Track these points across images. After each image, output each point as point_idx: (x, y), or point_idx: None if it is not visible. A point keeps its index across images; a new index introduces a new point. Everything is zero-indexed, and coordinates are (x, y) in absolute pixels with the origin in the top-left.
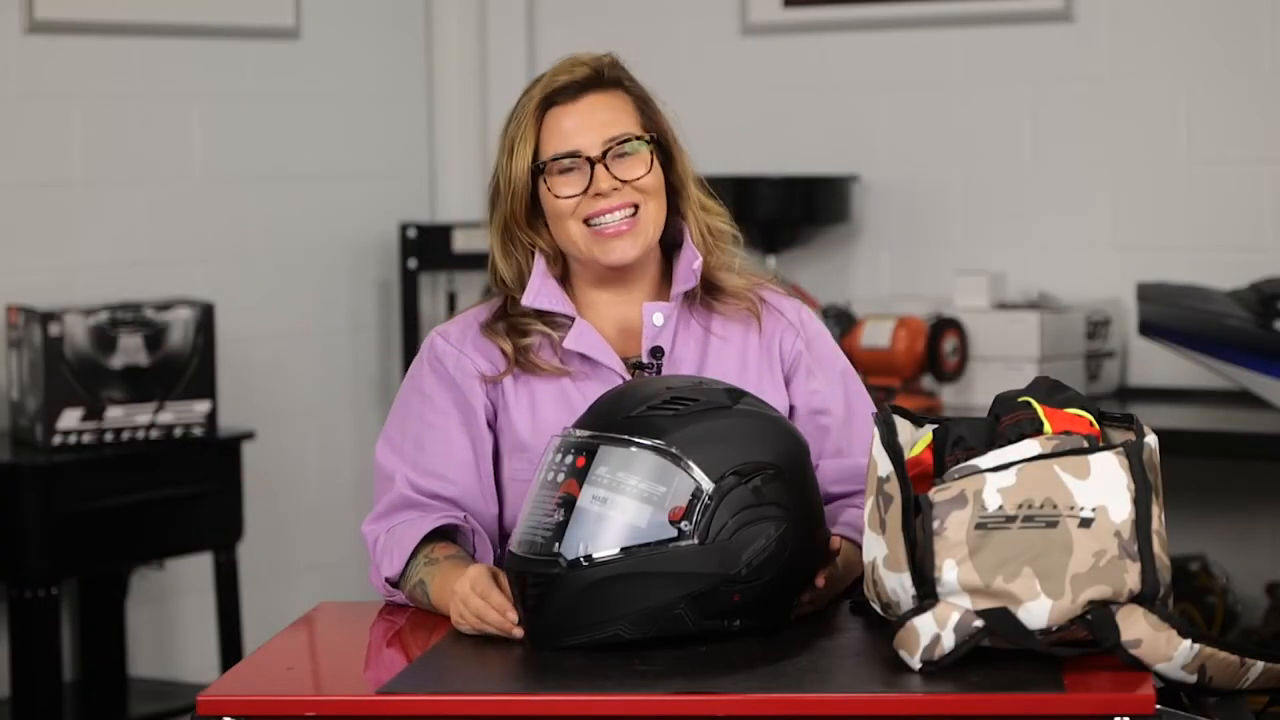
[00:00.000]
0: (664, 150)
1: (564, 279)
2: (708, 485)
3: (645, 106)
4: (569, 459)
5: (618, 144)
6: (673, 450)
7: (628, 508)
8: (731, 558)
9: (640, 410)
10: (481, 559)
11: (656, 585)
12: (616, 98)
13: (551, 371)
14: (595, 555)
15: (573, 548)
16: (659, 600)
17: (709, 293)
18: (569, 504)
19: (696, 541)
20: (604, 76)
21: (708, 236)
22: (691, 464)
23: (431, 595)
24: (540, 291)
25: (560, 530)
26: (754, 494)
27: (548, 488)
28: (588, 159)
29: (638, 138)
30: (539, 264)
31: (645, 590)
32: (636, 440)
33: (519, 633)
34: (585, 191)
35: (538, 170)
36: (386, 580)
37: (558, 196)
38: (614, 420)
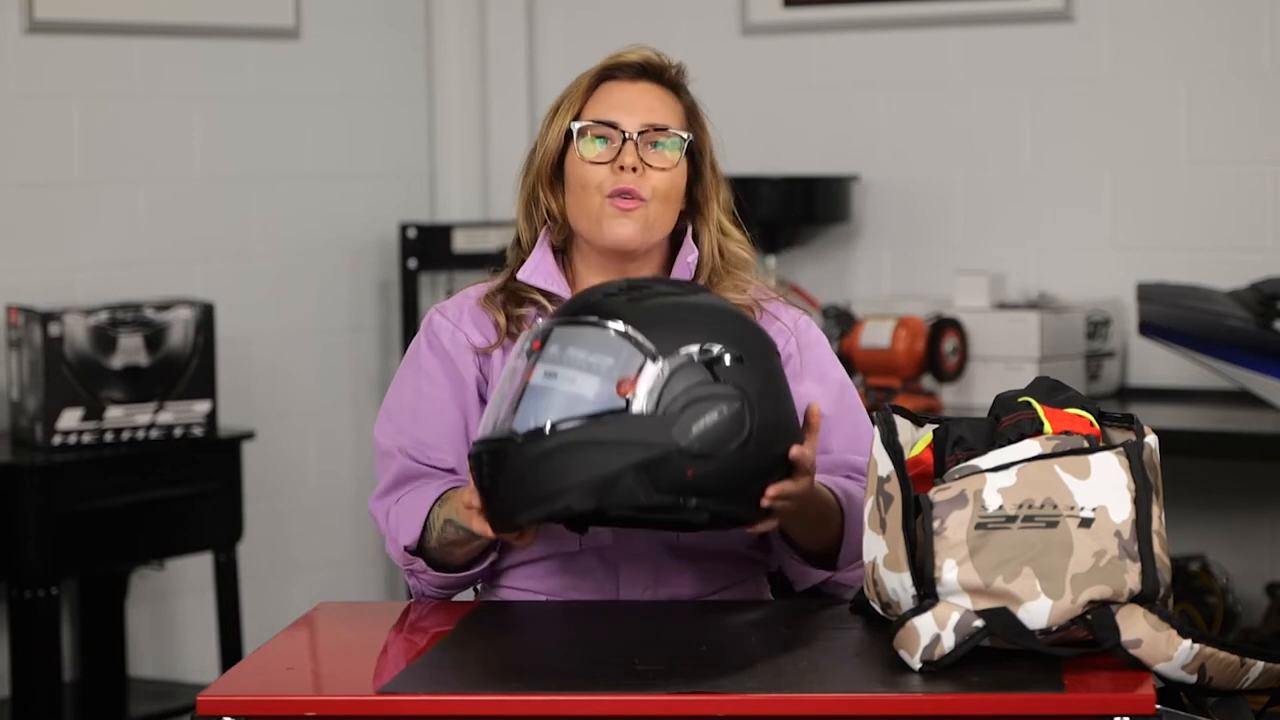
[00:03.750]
0: (696, 166)
1: (566, 262)
2: (659, 359)
3: (693, 118)
4: (527, 346)
5: (655, 130)
6: (624, 328)
7: (576, 380)
8: (682, 429)
9: (597, 297)
10: None
11: (605, 453)
12: (669, 96)
13: None
14: (544, 427)
15: (524, 422)
16: (607, 468)
17: None
18: (524, 387)
19: (645, 411)
20: (666, 74)
21: (716, 257)
22: (642, 339)
23: (462, 520)
24: (538, 269)
25: (513, 410)
26: (708, 371)
27: (509, 379)
28: (623, 133)
29: (675, 132)
30: (542, 242)
31: (594, 458)
32: (587, 319)
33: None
34: (613, 161)
35: (572, 135)
36: (405, 549)
37: (584, 158)
38: (571, 308)
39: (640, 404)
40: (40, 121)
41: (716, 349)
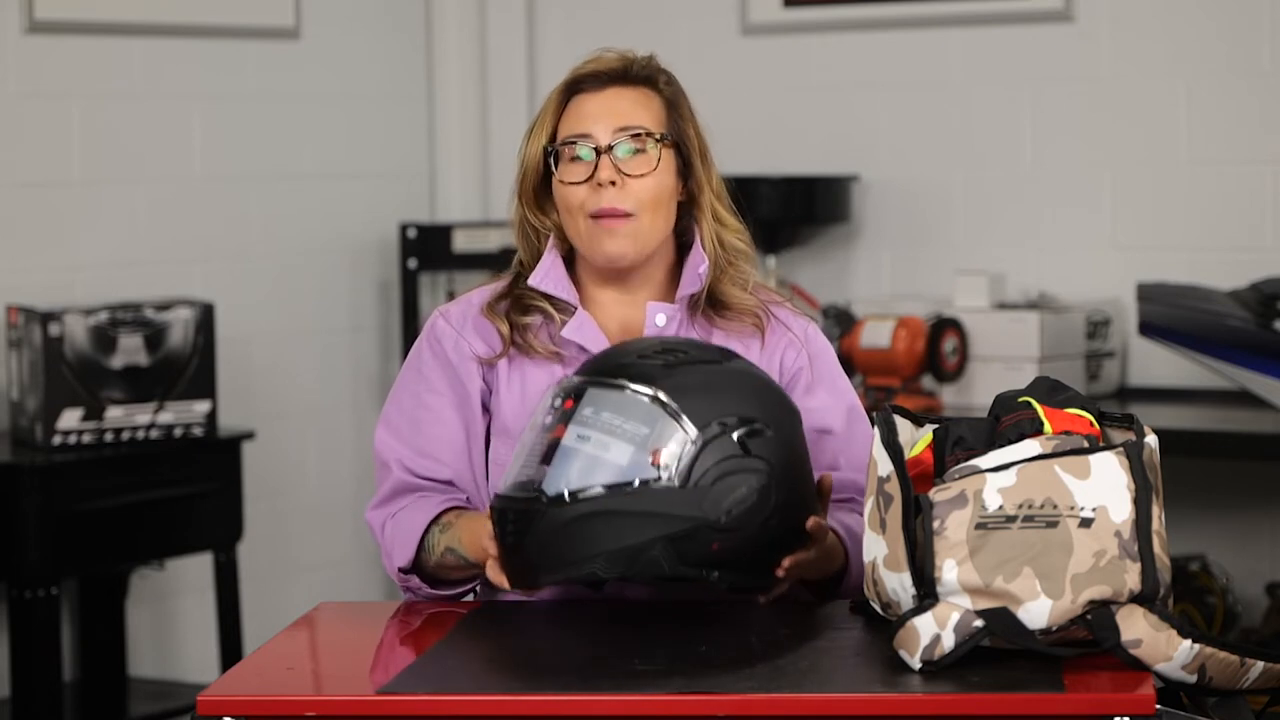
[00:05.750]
0: (684, 157)
1: (571, 270)
2: (692, 431)
3: (674, 110)
4: (558, 403)
5: (628, 135)
6: (659, 395)
7: (610, 446)
8: (712, 504)
9: (631, 359)
10: None
11: (634, 524)
12: (642, 94)
13: (545, 355)
14: (574, 491)
15: (554, 484)
16: (636, 539)
17: (713, 307)
18: (554, 445)
19: (677, 484)
20: (632, 72)
21: (718, 250)
22: (677, 409)
23: (468, 554)
24: (548, 275)
25: (543, 469)
26: (739, 445)
27: (537, 431)
28: (595, 147)
29: (649, 134)
30: (551, 247)
31: (622, 529)
32: (623, 384)
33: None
34: (589, 179)
35: (551, 154)
36: (400, 570)
37: (562, 181)
38: (605, 368)
39: (672, 475)
40: (40, 121)
41: (748, 421)
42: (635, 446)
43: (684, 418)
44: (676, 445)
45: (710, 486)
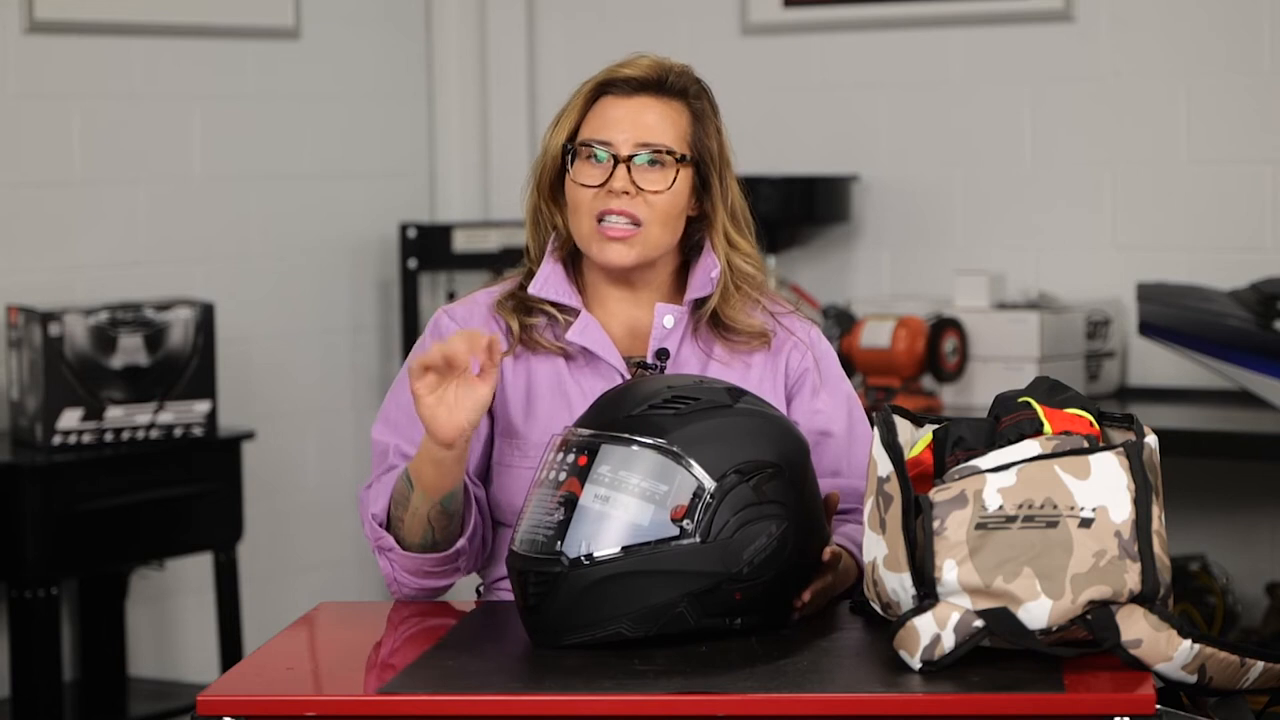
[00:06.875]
0: (702, 176)
1: (577, 271)
2: (709, 484)
3: (701, 126)
4: (570, 458)
5: (650, 150)
6: (674, 449)
7: (630, 506)
8: (733, 556)
9: (642, 409)
10: (474, 525)
11: (658, 584)
12: (671, 107)
13: (552, 350)
14: (597, 554)
15: (575, 546)
16: (660, 599)
17: (719, 326)
18: (571, 503)
19: (698, 540)
20: (666, 82)
21: (728, 273)
22: (693, 462)
23: (410, 474)
24: (548, 282)
25: (562, 529)
26: (755, 492)
27: (549, 486)
28: (614, 155)
29: (669, 152)
30: (550, 253)
31: (647, 589)
32: (638, 439)
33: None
34: (602, 185)
35: (569, 152)
36: (373, 517)
37: (575, 181)
38: (615, 419)
39: (692, 530)
40: (40, 121)
41: (762, 466)
42: (655, 505)
43: (701, 470)
44: (695, 500)
45: (730, 538)
